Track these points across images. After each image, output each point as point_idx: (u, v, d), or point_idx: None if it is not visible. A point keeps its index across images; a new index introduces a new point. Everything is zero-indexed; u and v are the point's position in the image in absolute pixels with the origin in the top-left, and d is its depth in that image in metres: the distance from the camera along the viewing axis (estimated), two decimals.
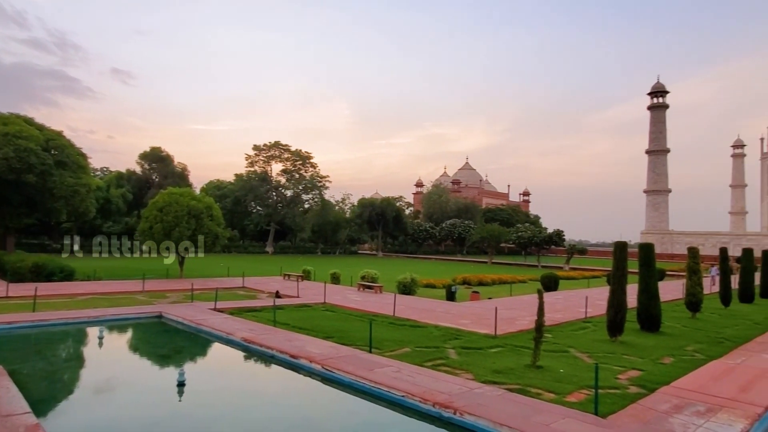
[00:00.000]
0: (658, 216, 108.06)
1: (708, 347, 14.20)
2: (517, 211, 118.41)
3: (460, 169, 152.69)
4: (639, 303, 16.38)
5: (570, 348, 13.44)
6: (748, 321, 19.49)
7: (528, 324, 15.69)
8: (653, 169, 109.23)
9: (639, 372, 11.11)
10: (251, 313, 17.99)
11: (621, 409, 8.51)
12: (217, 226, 31.88)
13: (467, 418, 7.88)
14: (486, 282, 35.72)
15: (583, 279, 42.53)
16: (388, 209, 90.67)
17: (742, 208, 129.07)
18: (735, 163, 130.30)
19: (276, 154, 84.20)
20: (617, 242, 14.86)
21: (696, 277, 19.50)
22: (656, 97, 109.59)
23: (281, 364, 11.80)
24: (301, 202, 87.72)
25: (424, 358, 11.74)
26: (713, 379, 10.84)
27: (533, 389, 9.45)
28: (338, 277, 31.71)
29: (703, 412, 8.56)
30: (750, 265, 26.17)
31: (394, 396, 8.97)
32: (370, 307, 19.94)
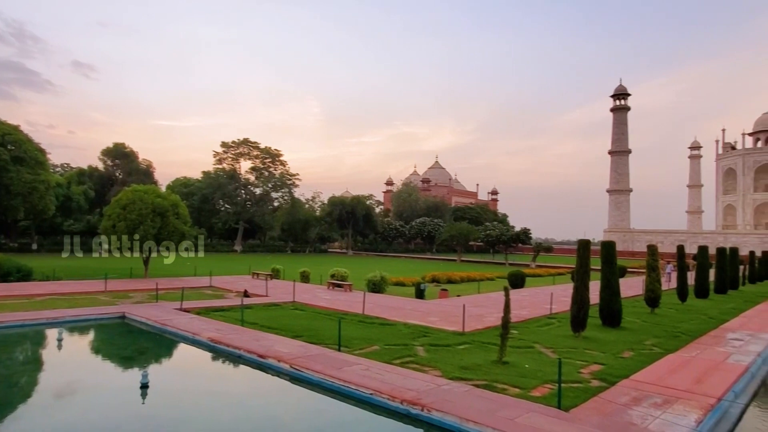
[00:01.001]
0: (620, 215, 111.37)
1: (665, 341, 14.75)
2: (486, 210, 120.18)
3: (429, 168, 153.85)
4: (601, 299, 16.87)
5: (535, 344, 13.75)
6: (703, 316, 20.33)
7: (495, 321, 15.95)
8: (616, 170, 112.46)
9: (600, 366, 11.46)
10: (218, 312, 17.72)
11: (583, 402, 8.77)
12: (183, 225, 31.22)
13: (435, 414, 7.99)
14: (455, 280, 36.13)
15: (548, 276, 43.50)
16: (359, 207, 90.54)
17: (698, 208, 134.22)
18: (692, 165, 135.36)
19: (245, 152, 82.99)
20: (581, 240, 15.27)
21: (655, 274, 20.24)
22: (618, 99, 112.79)
23: (249, 364, 11.68)
24: (270, 200, 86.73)
25: (393, 355, 11.81)
26: (670, 371, 11.28)
27: (499, 385, 9.64)
28: (308, 275, 31.53)
29: (660, 403, 8.90)
30: (705, 262, 27.30)
31: (363, 394, 9.00)
32: (340, 306, 19.92)
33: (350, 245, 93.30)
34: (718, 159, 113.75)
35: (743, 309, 23.12)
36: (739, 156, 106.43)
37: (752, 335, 16.40)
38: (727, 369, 11.72)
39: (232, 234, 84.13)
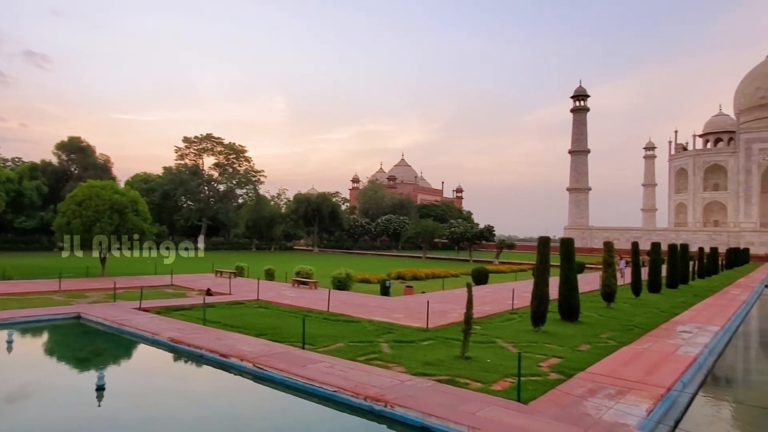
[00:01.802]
0: (579, 212, 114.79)
1: (620, 334, 15.33)
2: (451, 207, 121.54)
3: (395, 165, 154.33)
4: (560, 294, 17.38)
5: (497, 338, 14.05)
6: (655, 309, 21.21)
7: (458, 317, 16.20)
8: (575, 169, 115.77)
9: (559, 359, 11.82)
10: (179, 311, 17.34)
11: (542, 394, 9.04)
12: (143, 222, 30.34)
13: (398, 410, 8.08)
14: (420, 276, 36.43)
15: (511, 272, 44.39)
16: (324, 205, 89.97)
17: (652, 206, 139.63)
18: (646, 164, 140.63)
19: (208, 147, 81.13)
20: (541, 238, 15.69)
21: (611, 270, 21.01)
22: (578, 100, 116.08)
23: (211, 364, 11.50)
24: (234, 197, 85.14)
25: (358, 352, 11.86)
26: (623, 363, 11.75)
27: (462, 379, 9.82)
28: (273, 273, 31.17)
29: (614, 394, 9.27)
30: (658, 258, 28.46)
31: (326, 391, 9.01)
32: (305, 303, 19.81)
33: (316, 243, 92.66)
34: (670, 159, 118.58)
35: (692, 303, 24.24)
36: (690, 157, 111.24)
37: (700, 327, 17.23)
38: (677, 360, 12.29)
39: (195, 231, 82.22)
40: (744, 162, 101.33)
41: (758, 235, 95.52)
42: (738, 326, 20.26)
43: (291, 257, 60.97)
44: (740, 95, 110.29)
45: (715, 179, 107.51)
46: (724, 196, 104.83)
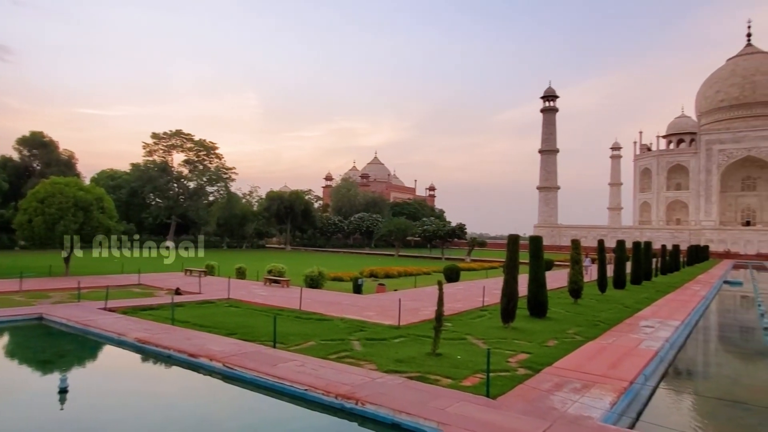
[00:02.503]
0: (548, 211, 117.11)
1: (586, 330, 15.75)
2: (423, 205, 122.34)
3: (368, 163, 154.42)
4: (529, 291, 17.73)
5: (467, 335, 14.25)
6: (619, 305, 21.84)
7: (430, 314, 16.36)
8: (545, 168, 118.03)
9: (527, 355, 12.08)
10: (147, 311, 16.98)
11: (510, 390, 9.23)
12: (109, 219, 29.55)
13: (368, 407, 8.13)
14: (392, 274, 36.57)
15: (482, 270, 44.99)
16: (297, 202, 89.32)
17: (618, 204, 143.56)
18: (613, 164, 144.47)
19: (177, 144, 79.42)
20: (510, 236, 15.97)
21: (578, 267, 21.54)
22: (548, 101, 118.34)
23: (180, 364, 11.32)
24: (205, 195, 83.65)
25: (329, 350, 11.86)
26: (588, 358, 12.08)
27: (432, 376, 9.94)
28: (244, 271, 30.79)
29: (579, 388, 9.53)
30: (623, 255, 29.32)
31: (297, 390, 8.99)
32: (277, 302, 19.67)
33: (288, 240, 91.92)
34: (635, 159, 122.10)
35: (655, 298, 25.05)
36: (654, 157, 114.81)
37: (662, 322, 17.84)
38: (639, 354, 12.70)
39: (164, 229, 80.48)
40: (704, 162, 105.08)
41: (717, 233, 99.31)
42: (698, 321, 21.07)
43: (263, 255, 60.34)
44: (701, 98, 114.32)
45: (677, 179, 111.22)
46: (686, 195, 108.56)
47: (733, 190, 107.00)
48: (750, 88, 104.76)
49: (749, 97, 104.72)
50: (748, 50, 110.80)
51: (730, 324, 23.40)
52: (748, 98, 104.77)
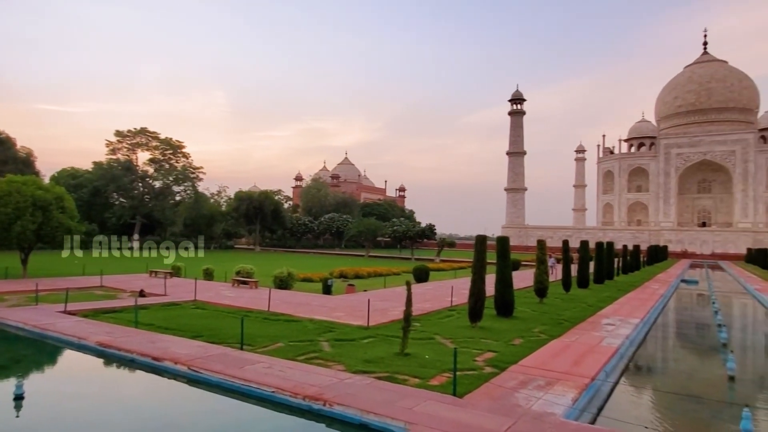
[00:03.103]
0: (516, 212, 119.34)
1: (551, 328, 16.14)
2: (393, 206, 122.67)
3: (339, 163, 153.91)
4: (496, 291, 18.05)
5: (436, 335, 14.41)
6: (583, 304, 22.46)
7: (399, 314, 16.38)
8: (512, 169, 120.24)
9: (494, 353, 12.30)
10: (109, 314, 16.53)
11: (476, 388, 9.39)
12: (69, 220, 28.57)
13: (336, 408, 8.14)
14: (362, 275, 36.59)
15: (451, 270, 45.48)
16: (267, 203, 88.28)
17: (582, 206, 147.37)
18: (577, 166, 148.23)
19: (142, 142, 77.41)
20: (478, 236, 16.23)
21: (543, 267, 22.05)
22: (515, 104, 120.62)
23: (143, 368, 11.06)
24: (171, 194, 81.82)
25: (298, 352, 11.80)
26: (552, 356, 12.39)
27: (400, 376, 10.02)
28: (211, 272, 30.24)
29: (543, 385, 9.78)
30: (586, 255, 30.14)
31: (265, 392, 8.93)
32: (245, 303, 19.43)
33: (258, 241, 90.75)
34: (599, 162, 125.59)
35: (616, 297, 25.86)
36: (616, 160, 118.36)
37: (622, 320, 18.44)
38: (601, 351, 13.11)
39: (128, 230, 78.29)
40: (663, 165, 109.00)
41: (675, 234, 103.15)
42: (656, 318, 21.85)
43: (231, 256, 59.42)
44: (660, 104, 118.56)
45: (638, 181, 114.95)
46: (646, 197, 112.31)
47: (690, 193, 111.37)
48: (706, 95, 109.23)
49: (705, 103, 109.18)
50: (704, 58, 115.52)
51: (687, 321, 24.35)
52: (704, 104, 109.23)
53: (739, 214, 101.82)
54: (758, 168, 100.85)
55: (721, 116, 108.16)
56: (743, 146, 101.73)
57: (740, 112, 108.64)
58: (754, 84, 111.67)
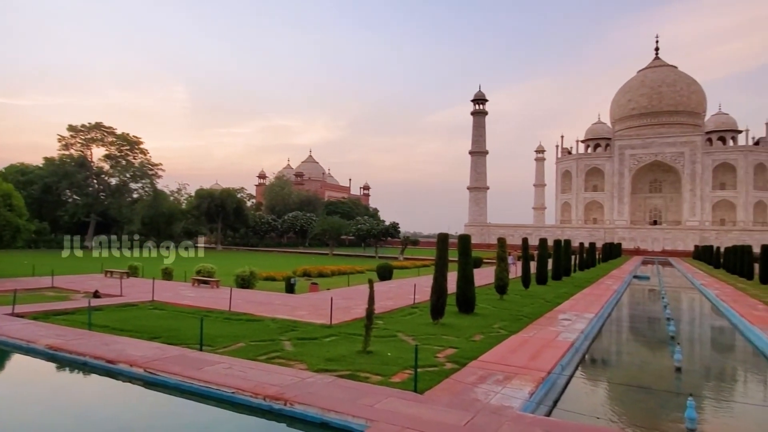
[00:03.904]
0: (478, 210, 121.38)
1: (510, 324, 16.53)
2: (358, 204, 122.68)
3: (303, 162, 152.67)
4: (458, 288, 18.34)
5: (398, 332, 14.53)
6: (541, 300, 23.10)
7: (362, 312, 16.44)
8: (475, 169, 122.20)
9: (454, 350, 12.51)
10: (61, 316, 15.90)
11: (437, 384, 9.54)
12: (17, 218, 27.36)
13: (297, 407, 8.12)
14: (326, 273, 36.44)
15: (414, 268, 45.82)
16: (229, 201, 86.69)
17: (542, 204, 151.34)
18: (537, 166, 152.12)
19: (97, 137, 74.52)
20: (440, 234, 16.46)
21: (504, 264, 22.54)
22: (478, 104, 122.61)
23: (97, 372, 10.70)
24: (128, 192, 79.19)
25: (259, 351, 11.69)
26: (511, 351, 12.71)
27: (362, 373, 10.07)
28: (171, 272, 29.47)
29: (501, 380, 10.02)
30: (545, 252, 31.00)
31: (224, 393, 8.81)
32: (205, 303, 19.06)
33: (220, 240, 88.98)
34: (557, 162, 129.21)
35: (573, 293, 26.71)
36: (574, 160, 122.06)
37: (578, 315, 19.08)
38: (557, 345, 13.53)
39: (83, 228, 75.28)
40: (618, 166, 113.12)
41: (629, 231, 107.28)
42: (610, 313, 22.72)
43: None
44: (615, 106, 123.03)
45: (594, 181, 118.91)
46: (602, 196, 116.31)
47: (643, 192, 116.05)
48: (657, 98, 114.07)
49: (656, 107, 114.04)
50: (656, 63, 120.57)
51: (638, 315, 25.40)
52: (656, 107, 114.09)
53: (687, 212, 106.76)
54: (705, 169, 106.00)
55: (671, 119, 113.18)
56: (691, 148, 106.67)
57: (689, 115, 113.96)
58: (702, 89, 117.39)
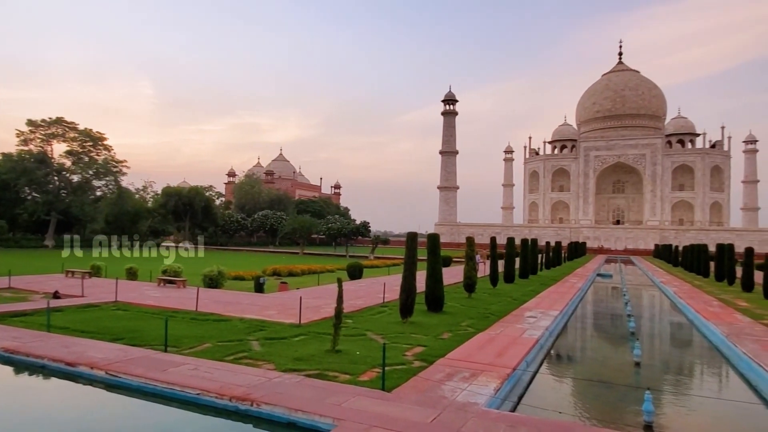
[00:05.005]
0: (448, 209, 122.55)
1: (478, 322, 16.78)
2: (329, 203, 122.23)
3: (274, 160, 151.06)
4: (426, 287, 18.51)
5: (367, 331, 14.58)
6: (508, 298, 23.52)
7: (332, 311, 16.29)
8: (445, 168, 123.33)
9: (423, 348, 12.63)
10: (18, 318, 15.31)
11: (405, 382, 9.62)
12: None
13: (264, 408, 8.06)
14: (296, 272, 36.19)
15: (385, 267, 45.99)
16: (197, 199, 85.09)
17: (510, 204, 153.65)
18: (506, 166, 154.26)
19: (58, 133, 71.90)
20: (408, 233, 16.59)
21: (472, 263, 22.86)
22: (448, 104, 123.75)
23: (56, 375, 10.37)
24: (91, 189, 76.74)
25: (226, 352, 11.54)
26: (478, 348, 12.92)
27: (331, 373, 10.07)
28: (135, 272, 28.71)
29: (468, 377, 10.19)
30: (512, 251, 31.57)
31: (189, 395, 8.67)
32: (171, 303, 18.68)
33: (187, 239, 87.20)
34: (525, 163, 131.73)
35: (539, 291, 27.30)
36: (541, 161, 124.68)
37: (543, 312, 19.53)
38: (523, 342, 13.82)
39: (42, 227, 72.59)
40: (583, 167, 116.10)
41: (593, 231, 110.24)
42: (574, 310, 23.32)
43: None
44: (581, 109, 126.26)
45: (561, 181, 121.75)
46: (568, 196, 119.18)
47: (607, 192, 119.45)
48: (620, 102, 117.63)
49: (620, 110, 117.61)
50: (619, 67, 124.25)
51: (601, 312, 26.14)
52: (619, 110, 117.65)
53: (648, 212, 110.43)
54: (665, 170, 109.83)
55: (634, 122, 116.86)
56: (652, 150, 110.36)
57: (650, 118, 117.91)
58: (662, 93, 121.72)
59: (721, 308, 22.12)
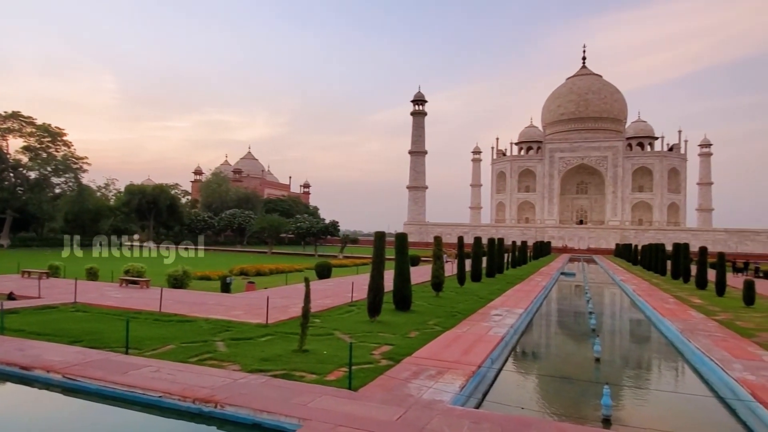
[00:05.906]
0: (417, 209, 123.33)
1: (445, 320, 16.98)
2: (298, 202, 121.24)
3: (242, 158, 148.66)
4: (394, 286, 18.62)
5: (335, 330, 14.57)
6: (475, 296, 23.87)
7: (299, 311, 16.17)
8: (414, 168, 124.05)
9: (390, 347, 12.71)
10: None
11: (371, 381, 9.67)
12: None
13: (228, 409, 7.98)
14: (264, 272, 35.78)
15: (354, 266, 45.92)
16: (162, 197, 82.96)
17: (478, 204, 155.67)
18: (474, 167, 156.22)
19: (14, 127, 68.93)
20: (376, 233, 16.64)
21: (440, 262, 23.10)
22: (417, 104, 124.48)
23: (9, 379, 9.98)
24: (50, 186, 73.87)
25: (190, 353, 11.35)
26: (445, 346, 13.09)
27: (297, 372, 10.03)
28: (96, 272, 27.80)
29: (434, 375, 10.31)
30: (479, 250, 32.04)
31: (151, 398, 8.49)
32: (133, 304, 18.20)
33: (152, 238, 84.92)
34: (493, 163, 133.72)
35: (505, 290, 27.79)
36: (508, 162, 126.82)
37: (509, 310, 19.91)
38: (488, 340, 14.07)
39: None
40: (548, 168, 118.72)
41: (557, 230, 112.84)
42: (538, 308, 23.86)
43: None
44: (546, 111, 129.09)
45: (527, 182, 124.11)
46: (533, 196, 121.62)
47: (570, 193, 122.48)
48: (584, 105, 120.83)
49: (583, 113, 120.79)
50: (583, 71, 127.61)
51: (564, 310, 26.82)
52: (582, 113, 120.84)
53: (610, 213, 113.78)
54: (625, 172, 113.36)
55: (596, 125, 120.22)
56: (614, 152, 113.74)
57: (612, 122, 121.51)
58: (623, 97, 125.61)
59: (677, 305, 23.02)
